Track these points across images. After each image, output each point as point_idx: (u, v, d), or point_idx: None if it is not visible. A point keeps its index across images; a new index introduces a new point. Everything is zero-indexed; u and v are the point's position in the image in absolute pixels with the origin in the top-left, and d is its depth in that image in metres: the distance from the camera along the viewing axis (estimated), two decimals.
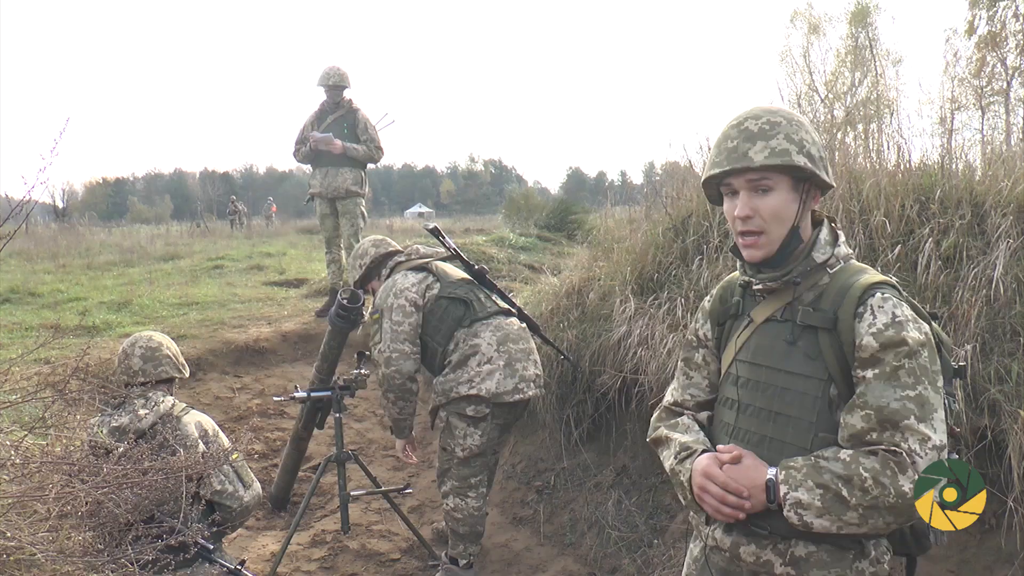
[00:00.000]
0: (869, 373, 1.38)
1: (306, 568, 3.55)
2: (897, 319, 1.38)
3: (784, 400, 1.48)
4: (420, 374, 3.25)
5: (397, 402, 3.19)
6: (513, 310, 3.38)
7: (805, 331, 1.47)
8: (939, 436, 1.33)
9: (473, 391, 3.09)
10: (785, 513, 1.37)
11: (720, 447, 1.51)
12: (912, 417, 1.33)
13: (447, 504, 3.29)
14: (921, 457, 1.31)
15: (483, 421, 3.15)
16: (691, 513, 1.68)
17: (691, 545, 1.74)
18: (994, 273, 2.66)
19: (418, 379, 3.24)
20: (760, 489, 1.40)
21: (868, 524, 1.33)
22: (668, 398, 1.76)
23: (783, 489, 1.37)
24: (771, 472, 1.41)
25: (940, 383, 1.38)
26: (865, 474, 1.31)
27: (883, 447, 1.33)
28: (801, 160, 1.43)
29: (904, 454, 1.31)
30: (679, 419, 1.68)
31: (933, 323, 1.52)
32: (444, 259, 3.49)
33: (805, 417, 1.45)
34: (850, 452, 1.36)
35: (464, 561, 3.29)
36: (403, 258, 3.41)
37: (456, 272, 3.38)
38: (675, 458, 1.57)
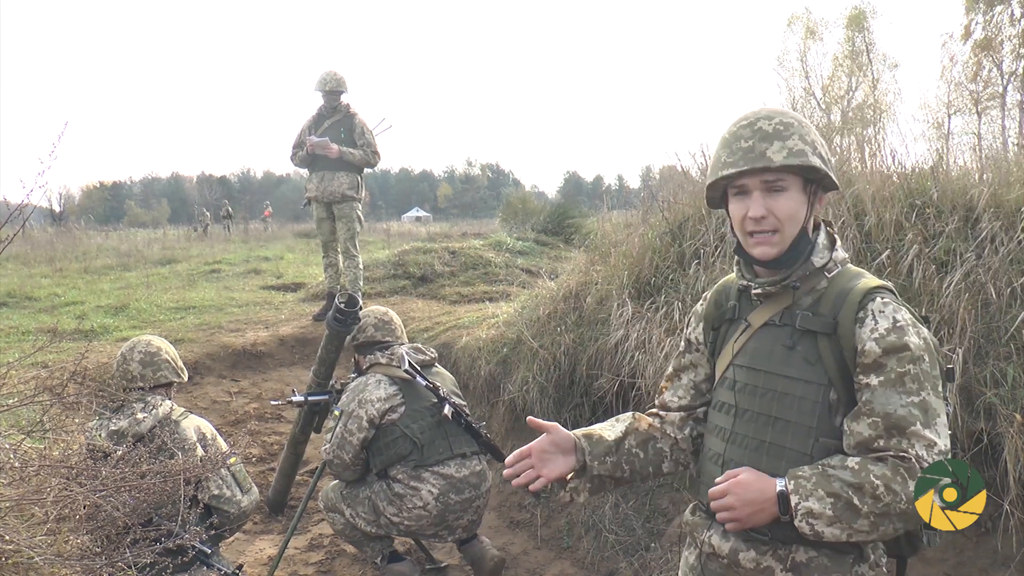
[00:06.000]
0: (873, 380, 1.36)
1: (303, 572, 3.55)
2: (898, 324, 1.37)
3: (783, 405, 1.47)
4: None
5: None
6: (470, 450, 3.24)
7: (804, 336, 1.46)
8: (943, 441, 1.33)
9: (396, 520, 3.13)
10: (797, 523, 1.35)
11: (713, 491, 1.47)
12: (918, 423, 1.32)
13: (333, 524, 3.35)
14: (928, 463, 1.30)
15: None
16: (686, 517, 1.67)
17: (685, 553, 1.71)
18: (987, 277, 2.67)
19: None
20: (772, 502, 1.38)
21: (878, 531, 1.33)
22: (656, 401, 1.78)
23: (794, 499, 1.35)
24: (780, 483, 1.39)
25: (940, 388, 1.37)
26: (876, 481, 1.30)
27: (891, 453, 1.32)
28: (816, 161, 1.43)
29: (913, 460, 1.31)
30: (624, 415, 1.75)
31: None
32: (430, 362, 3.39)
33: (804, 422, 1.44)
34: (857, 460, 1.35)
35: (379, 557, 3.29)
36: (385, 360, 3.27)
37: (428, 395, 3.21)
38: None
